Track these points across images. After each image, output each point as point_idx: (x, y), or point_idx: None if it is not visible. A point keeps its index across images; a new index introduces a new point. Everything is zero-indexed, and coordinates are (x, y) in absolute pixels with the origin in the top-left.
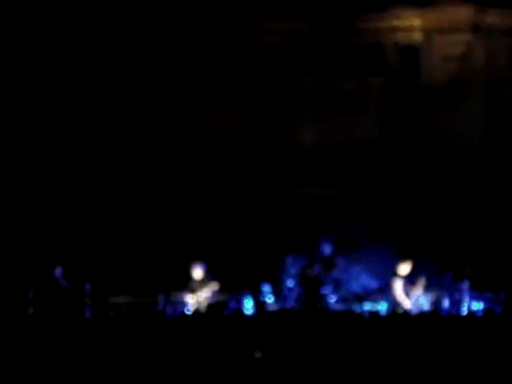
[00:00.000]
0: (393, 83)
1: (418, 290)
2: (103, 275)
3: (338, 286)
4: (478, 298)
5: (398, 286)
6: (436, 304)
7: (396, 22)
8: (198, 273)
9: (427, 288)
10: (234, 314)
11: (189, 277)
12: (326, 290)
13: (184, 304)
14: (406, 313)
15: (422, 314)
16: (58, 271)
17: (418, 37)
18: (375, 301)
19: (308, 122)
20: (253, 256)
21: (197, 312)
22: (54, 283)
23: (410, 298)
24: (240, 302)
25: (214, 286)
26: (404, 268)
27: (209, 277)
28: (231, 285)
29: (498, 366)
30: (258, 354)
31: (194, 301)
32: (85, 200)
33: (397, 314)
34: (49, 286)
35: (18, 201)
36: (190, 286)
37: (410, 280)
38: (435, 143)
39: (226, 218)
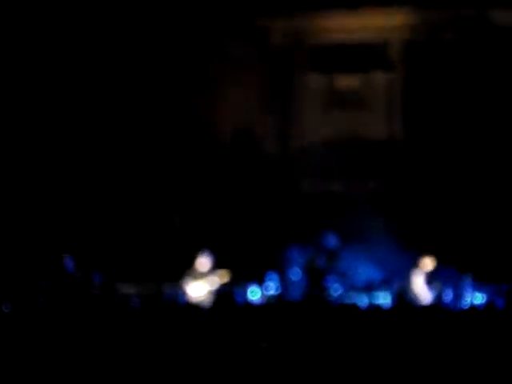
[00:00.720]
0: (399, 79)
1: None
2: (111, 264)
3: (342, 277)
4: (480, 291)
5: (418, 280)
6: (438, 297)
7: (402, 18)
8: (204, 262)
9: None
10: (240, 304)
11: (195, 266)
12: (331, 281)
13: (190, 293)
14: (410, 306)
15: (424, 307)
16: (68, 261)
17: (422, 33)
18: (379, 292)
19: (315, 119)
20: (258, 247)
21: (203, 302)
22: (63, 273)
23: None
24: (246, 293)
25: (223, 276)
26: (427, 263)
27: (213, 269)
28: (237, 275)
29: (500, 361)
30: (263, 344)
31: (200, 290)
32: (93, 192)
33: (400, 306)
34: (58, 276)
35: (27, 192)
36: (196, 275)
37: (430, 275)
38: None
39: (232, 210)
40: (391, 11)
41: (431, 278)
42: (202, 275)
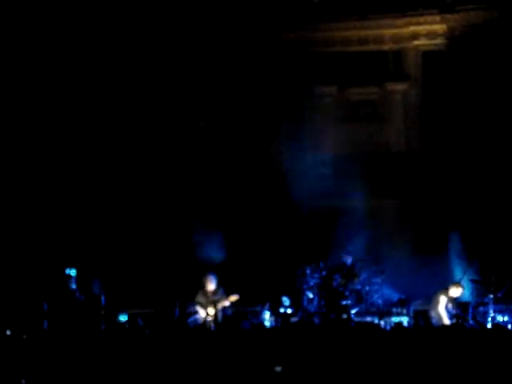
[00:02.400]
0: (416, 90)
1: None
2: (118, 287)
3: (359, 297)
4: (502, 311)
5: (442, 303)
6: (461, 316)
7: (418, 28)
8: (211, 284)
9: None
10: (253, 327)
11: (202, 288)
12: (348, 301)
13: (198, 315)
14: (430, 325)
15: (446, 327)
16: (73, 284)
17: (441, 42)
18: (396, 314)
19: (330, 131)
20: (272, 267)
21: (212, 324)
22: (68, 295)
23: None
24: (259, 314)
25: (233, 298)
26: (455, 291)
27: (221, 288)
28: (250, 297)
29: None
30: (277, 368)
31: (207, 312)
32: (99, 211)
33: (420, 326)
34: (63, 299)
35: (33, 211)
36: (203, 297)
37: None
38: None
39: (244, 230)
40: (408, 20)
41: (453, 303)
42: (210, 296)
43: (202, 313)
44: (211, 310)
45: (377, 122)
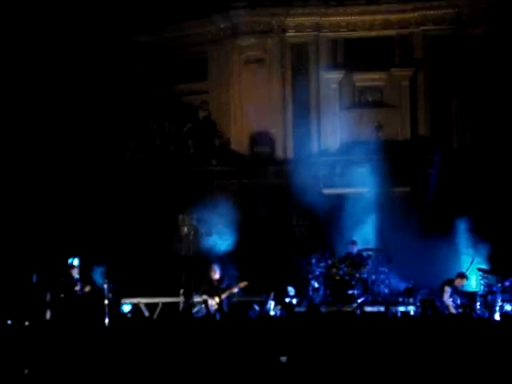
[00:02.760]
0: (423, 76)
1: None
2: (122, 276)
3: (365, 287)
4: (510, 300)
5: (447, 294)
6: (468, 305)
7: (425, 12)
8: (215, 273)
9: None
10: (258, 316)
11: (207, 277)
12: (354, 291)
13: (203, 305)
14: (438, 314)
15: (452, 316)
16: (76, 274)
17: (448, 27)
18: (403, 304)
19: (336, 118)
20: (277, 257)
21: (217, 313)
22: (71, 285)
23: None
24: (263, 304)
25: (242, 284)
26: (460, 281)
27: (226, 277)
28: (255, 286)
29: None
30: (283, 359)
31: (211, 301)
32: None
33: (426, 316)
34: (66, 289)
35: (36, 202)
36: (208, 286)
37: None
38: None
39: (249, 219)
40: (414, 5)
41: (459, 293)
42: (218, 286)
43: (209, 302)
44: (217, 299)
45: (383, 108)
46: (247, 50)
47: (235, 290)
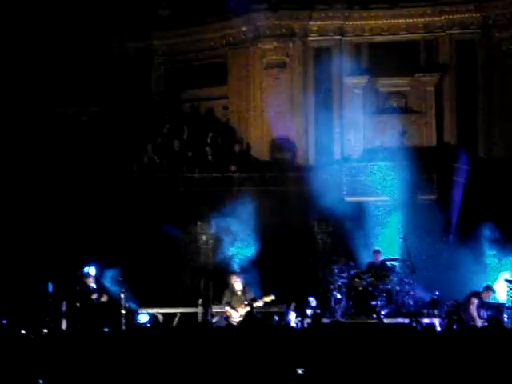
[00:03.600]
0: (449, 81)
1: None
2: (139, 285)
3: (389, 298)
4: None
5: (474, 305)
6: (495, 318)
7: (451, 16)
8: (237, 283)
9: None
10: (279, 327)
11: (228, 288)
12: (377, 302)
13: (224, 316)
14: (464, 327)
15: (478, 329)
16: (93, 283)
17: (474, 31)
18: (428, 315)
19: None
20: (298, 265)
21: (239, 324)
22: (87, 295)
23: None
24: (284, 315)
25: (268, 298)
26: (488, 295)
27: (249, 287)
28: (276, 296)
29: None
30: (299, 371)
31: (234, 312)
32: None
33: (451, 329)
34: (82, 298)
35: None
36: (231, 297)
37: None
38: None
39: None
40: (440, 9)
41: (486, 305)
42: (243, 297)
43: (233, 314)
44: (243, 310)
45: (408, 114)
46: (268, 53)
47: (260, 303)
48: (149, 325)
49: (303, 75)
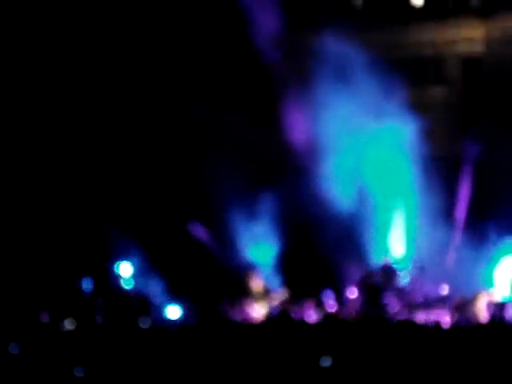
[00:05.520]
0: (455, 95)
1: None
2: (169, 283)
3: (400, 294)
4: None
5: (483, 302)
6: (500, 312)
7: (457, 33)
8: (256, 281)
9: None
10: (297, 322)
11: (248, 286)
12: (388, 298)
13: (246, 312)
14: (471, 323)
15: (486, 325)
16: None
17: (480, 48)
18: (437, 311)
19: None
20: (314, 264)
21: (262, 319)
22: (120, 291)
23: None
24: (302, 310)
25: (283, 294)
26: (496, 292)
27: (269, 285)
28: (295, 293)
29: None
30: (325, 363)
31: (256, 309)
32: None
33: (460, 324)
34: (115, 294)
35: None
36: (251, 294)
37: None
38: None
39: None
40: (447, 26)
41: (494, 303)
42: (262, 294)
43: (251, 310)
44: (262, 307)
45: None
46: None
47: (277, 300)
48: (177, 319)
49: None
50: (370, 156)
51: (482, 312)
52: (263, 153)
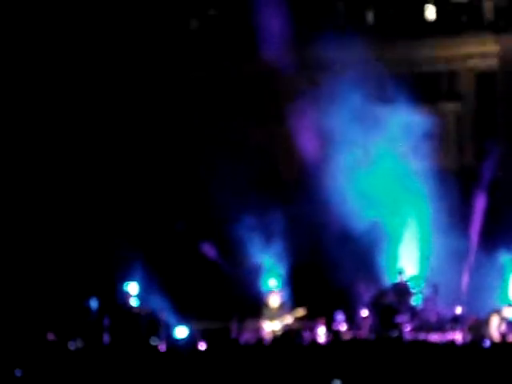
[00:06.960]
0: (469, 110)
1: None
2: (177, 302)
3: (413, 314)
4: None
5: (494, 324)
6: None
7: (471, 48)
8: (274, 299)
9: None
10: (308, 343)
11: (268, 303)
12: (402, 318)
13: (259, 331)
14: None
15: (498, 345)
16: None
17: (494, 63)
18: (451, 331)
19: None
20: (326, 284)
21: (272, 339)
22: (127, 310)
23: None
24: (313, 331)
25: (299, 312)
26: (509, 311)
27: (286, 303)
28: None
29: None
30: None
31: (270, 328)
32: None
33: (473, 344)
34: (123, 314)
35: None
36: (266, 313)
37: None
38: None
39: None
40: (461, 41)
41: (507, 323)
42: (278, 312)
43: (266, 328)
44: (276, 326)
45: (429, 141)
46: None
47: (291, 318)
48: (185, 339)
49: None
50: (381, 171)
51: (496, 332)
52: (275, 169)
